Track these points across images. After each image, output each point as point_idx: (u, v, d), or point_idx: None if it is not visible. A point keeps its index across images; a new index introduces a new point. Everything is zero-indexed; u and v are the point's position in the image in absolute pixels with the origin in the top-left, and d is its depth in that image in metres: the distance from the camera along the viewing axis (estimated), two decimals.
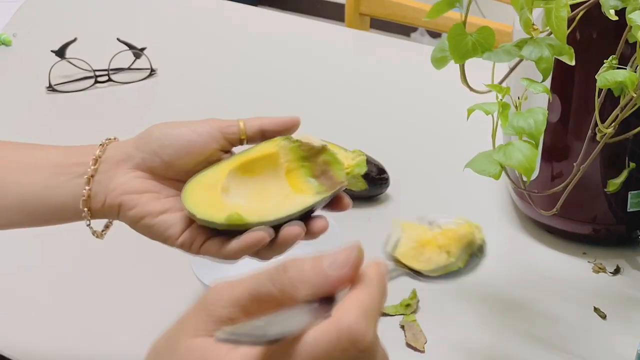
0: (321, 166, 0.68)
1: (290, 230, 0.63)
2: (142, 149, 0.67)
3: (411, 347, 0.81)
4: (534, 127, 0.69)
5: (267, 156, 0.68)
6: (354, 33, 1.58)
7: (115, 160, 0.67)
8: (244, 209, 0.64)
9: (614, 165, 0.85)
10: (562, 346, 0.81)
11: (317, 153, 0.68)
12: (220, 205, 0.64)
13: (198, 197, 0.65)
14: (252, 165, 0.68)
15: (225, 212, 0.63)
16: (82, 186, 0.66)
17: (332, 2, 3.16)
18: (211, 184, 0.66)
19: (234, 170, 0.67)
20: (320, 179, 0.67)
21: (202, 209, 0.64)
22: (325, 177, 0.67)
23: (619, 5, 0.70)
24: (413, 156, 1.11)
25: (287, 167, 0.68)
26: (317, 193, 0.66)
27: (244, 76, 1.35)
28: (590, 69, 0.75)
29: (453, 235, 0.62)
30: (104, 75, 1.29)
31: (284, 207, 0.64)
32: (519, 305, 0.86)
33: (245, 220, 0.63)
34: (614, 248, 0.93)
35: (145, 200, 0.66)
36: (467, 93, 0.76)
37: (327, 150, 0.68)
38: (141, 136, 0.68)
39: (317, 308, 0.47)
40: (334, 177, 0.67)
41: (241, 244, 0.63)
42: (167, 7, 1.58)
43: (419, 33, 3.03)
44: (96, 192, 0.67)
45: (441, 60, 0.74)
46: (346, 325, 0.45)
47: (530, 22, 0.70)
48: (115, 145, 0.69)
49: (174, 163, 0.67)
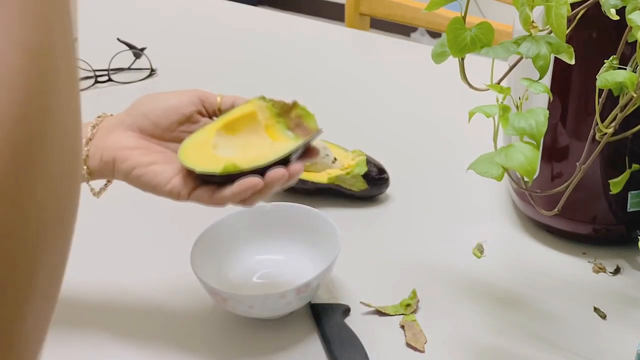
0: (295, 120, 0.77)
1: (276, 172, 0.72)
2: (133, 113, 0.78)
3: (411, 347, 0.81)
4: (535, 128, 0.69)
5: (247, 115, 0.78)
6: (354, 33, 1.58)
7: (110, 126, 0.78)
8: (236, 160, 0.73)
9: (614, 165, 0.85)
10: (563, 346, 0.81)
11: (290, 109, 0.77)
12: (215, 159, 0.74)
13: (194, 154, 0.75)
14: (234, 125, 0.78)
15: (220, 163, 0.72)
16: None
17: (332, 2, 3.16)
18: (202, 143, 0.76)
19: (219, 130, 0.77)
20: (295, 131, 0.77)
21: (200, 164, 0.73)
22: (300, 129, 0.77)
23: (619, 4, 0.70)
24: (413, 156, 1.11)
25: (265, 123, 0.78)
26: (295, 140, 0.75)
27: (244, 76, 1.35)
28: (590, 69, 0.75)
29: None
30: (104, 75, 1.29)
31: (271, 154, 0.73)
32: (519, 305, 0.86)
33: (240, 168, 0.72)
34: (614, 248, 0.93)
35: (137, 154, 0.76)
36: (468, 93, 0.76)
37: (298, 105, 0.77)
38: (133, 104, 0.79)
39: None
40: (307, 127, 0.76)
41: (235, 190, 0.72)
42: (167, 7, 1.58)
43: (419, 33, 3.03)
44: (93, 153, 0.76)
45: (441, 55, 0.74)
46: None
47: (529, 19, 0.70)
48: (111, 117, 0.80)
49: (160, 123, 0.78)
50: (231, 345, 0.82)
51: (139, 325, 0.84)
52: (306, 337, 0.83)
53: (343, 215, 0.99)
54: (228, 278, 0.86)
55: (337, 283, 0.89)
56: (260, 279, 0.88)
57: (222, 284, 0.84)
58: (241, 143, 0.77)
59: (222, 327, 0.84)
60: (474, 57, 0.73)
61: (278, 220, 0.90)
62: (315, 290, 0.83)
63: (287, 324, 0.84)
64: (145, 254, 0.94)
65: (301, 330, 0.84)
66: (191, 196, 0.74)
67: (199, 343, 0.82)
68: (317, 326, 0.83)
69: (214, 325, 0.85)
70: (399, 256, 0.94)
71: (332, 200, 1.01)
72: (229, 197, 0.73)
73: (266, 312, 0.82)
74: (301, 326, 0.84)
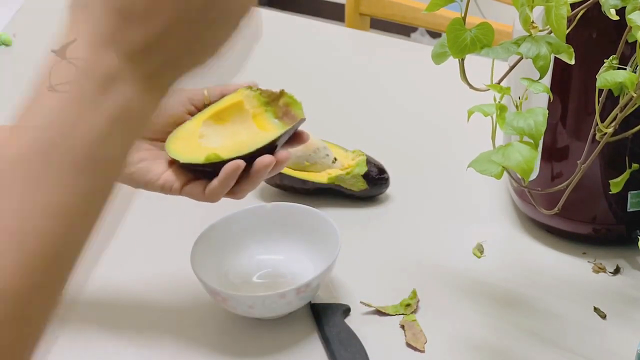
0: (282, 108, 0.78)
1: (263, 160, 0.73)
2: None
3: (411, 347, 0.81)
4: (534, 127, 0.69)
5: (234, 105, 0.79)
6: (354, 33, 1.58)
7: None
8: (220, 149, 0.73)
9: (614, 165, 0.85)
10: (563, 346, 0.81)
11: (278, 97, 0.78)
12: (199, 149, 0.75)
13: (179, 145, 0.76)
14: (222, 114, 0.79)
15: (203, 153, 0.73)
16: None
17: (332, 2, 3.16)
18: (189, 133, 0.77)
19: (207, 120, 0.78)
20: (283, 119, 0.77)
21: (184, 154, 0.74)
22: (287, 117, 0.77)
23: (619, 4, 0.70)
24: (413, 156, 1.11)
25: (253, 112, 0.78)
26: (282, 128, 0.76)
27: (243, 76, 1.35)
28: (590, 69, 0.75)
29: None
30: None
31: (255, 142, 0.74)
32: (519, 305, 0.86)
33: (222, 157, 0.72)
34: (614, 248, 0.93)
35: None
36: (468, 93, 0.76)
37: (285, 93, 0.78)
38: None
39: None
40: (295, 115, 0.77)
41: (220, 178, 0.72)
42: None
43: (419, 33, 3.03)
44: None
45: (441, 56, 0.75)
46: None
47: (529, 19, 0.70)
48: None
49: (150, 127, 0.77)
50: (231, 345, 0.82)
51: (139, 324, 0.84)
52: (306, 337, 0.83)
53: (343, 215, 0.99)
54: (228, 278, 0.86)
55: (337, 283, 0.89)
56: (260, 279, 0.88)
57: (222, 284, 0.84)
58: (228, 132, 0.78)
59: (222, 327, 0.84)
60: (474, 57, 0.73)
61: (278, 220, 0.90)
62: (315, 290, 0.83)
63: (287, 324, 0.84)
64: (146, 253, 0.94)
65: (301, 330, 0.84)
66: (183, 191, 0.74)
67: (198, 343, 0.83)
68: (317, 326, 0.83)
69: (214, 325, 0.85)
70: (399, 256, 0.94)
71: (332, 200, 1.01)
72: (217, 187, 0.73)
73: (266, 312, 0.82)
74: (301, 326, 0.84)
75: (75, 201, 0.44)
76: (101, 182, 0.45)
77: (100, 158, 0.44)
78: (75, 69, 0.45)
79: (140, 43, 0.45)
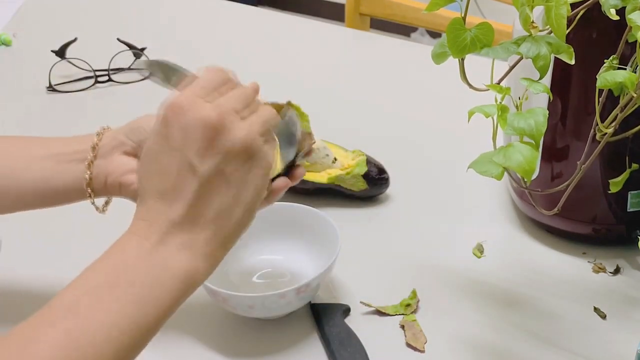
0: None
1: (279, 182, 0.74)
2: (132, 138, 0.77)
3: (411, 347, 0.81)
4: (535, 128, 0.69)
5: None
6: (354, 33, 1.58)
7: (110, 147, 0.77)
8: None
9: (614, 165, 0.85)
10: (563, 346, 0.81)
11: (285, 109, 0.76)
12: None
13: None
14: None
15: None
16: (84, 170, 0.77)
17: (332, 2, 3.16)
18: None
19: None
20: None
21: None
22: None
23: (619, 4, 0.70)
24: (413, 156, 1.11)
25: None
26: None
27: (243, 76, 1.35)
28: (590, 69, 0.75)
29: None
30: (104, 75, 1.29)
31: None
32: (519, 305, 0.87)
33: None
34: (614, 248, 0.93)
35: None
36: (468, 93, 0.76)
37: (292, 104, 0.76)
38: (131, 126, 0.78)
39: None
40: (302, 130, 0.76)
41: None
42: (167, 7, 1.58)
43: (419, 33, 3.02)
44: (97, 174, 0.77)
45: (441, 56, 0.74)
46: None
47: (529, 19, 0.70)
48: (109, 134, 0.79)
49: None
50: (231, 345, 0.82)
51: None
52: (306, 337, 0.83)
53: (343, 215, 0.99)
54: (228, 278, 0.86)
55: (337, 283, 0.89)
56: (260, 279, 0.88)
57: (222, 284, 0.84)
58: None
59: (222, 327, 0.84)
60: (474, 57, 0.73)
61: (278, 220, 0.90)
62: (315, 290, 0.83)
63: (287, 324, 0.84)
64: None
65: (301, 330, 0.84)
66: None
67: (198, 343, 0.83)
68: (317, 326, 0.83)
69: (214, 325, 0.85)
70: (399, 256, 0.94)
71: (332, 200, 1.01)
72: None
73: (266, 312, 0.82)
74: (301, 326, 0.84)
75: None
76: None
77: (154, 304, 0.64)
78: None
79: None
